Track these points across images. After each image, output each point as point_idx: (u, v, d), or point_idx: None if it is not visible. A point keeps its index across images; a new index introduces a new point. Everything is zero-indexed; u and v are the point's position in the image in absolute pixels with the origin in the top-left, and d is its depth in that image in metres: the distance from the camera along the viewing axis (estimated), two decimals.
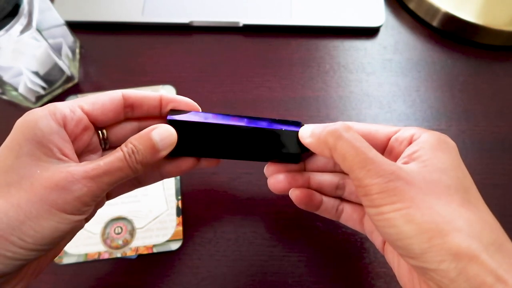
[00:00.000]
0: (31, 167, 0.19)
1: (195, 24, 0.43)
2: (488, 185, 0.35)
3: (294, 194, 0.26)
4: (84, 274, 0.31)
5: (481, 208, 0.20)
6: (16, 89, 0.36)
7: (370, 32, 0.43)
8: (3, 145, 0.20)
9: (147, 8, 0.43)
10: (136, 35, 0.43)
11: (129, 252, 0.32)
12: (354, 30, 0.43)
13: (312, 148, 0.23)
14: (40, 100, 0.39)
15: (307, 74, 0.41)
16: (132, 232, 0.33)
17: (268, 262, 0.32)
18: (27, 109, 0.38)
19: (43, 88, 0.38)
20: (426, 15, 0.43)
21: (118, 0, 0.43)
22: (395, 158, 0.23)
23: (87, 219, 0.25)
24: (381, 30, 0.44)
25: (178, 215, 0.33)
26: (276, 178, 0.27)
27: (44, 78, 0.37)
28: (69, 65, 0.39)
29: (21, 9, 0.32)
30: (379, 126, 0.24)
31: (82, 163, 0.21)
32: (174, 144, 0.24)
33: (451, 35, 0.43)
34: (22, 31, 0.32)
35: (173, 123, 0.24)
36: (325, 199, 0.27)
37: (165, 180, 0.35)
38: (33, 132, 0.20)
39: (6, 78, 0.34)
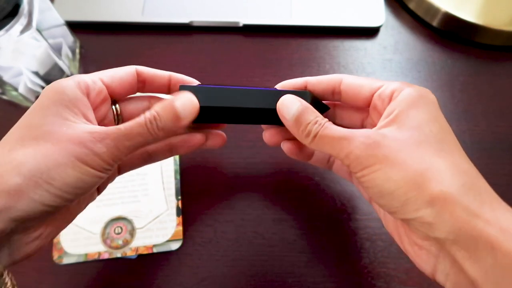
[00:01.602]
0: (58, 125, 0.21)
1: (195, 24, 0.43)
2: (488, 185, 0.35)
3: (286, 146, 0.28)
4: (84, 274, 0.31)
5: (455, 154, 0.21)
6: (16, 89, 0.36)
7: (370, 32, 0.43)
8: (30, 107, 0.22)
9: (147, 8, 0.43)
10: (136, 35, 0.43)
11: (129, 252, 0.32)
12: (354, 30, 0.43)
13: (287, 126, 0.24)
14: None
15: (307, 74, 0.41)
16: (132, 232, 0.33)
17: (268, 262, 0.32)
18: (27, 109, 0.38)
19: (43, 88, 0.38)
20: (426, 15, 0.43)
21: (118, 0, 0.43)
22: (379, 115, 0.24)
23: (99, 191, 0.26)
24: (381, 30, 0.44)
25: (178, 215, 0.33)
26: (271, 131, 0.28)
27: (44, 78, 0.37)
28: (69, 65, 0.39)
29: (21, 9, 0.32)
30: (364, 81, 0.25)
31: (104, 127, 0.22)
32: (196, 113, 0.24)
33: (451, 35, 0.43)
34: (22, 31, 0.32)
35: (187, 88, 0.25)
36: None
37: (165, 180, 0.35)
38: (60, 97, 0.21)
39: (6, 78, 0.34)
